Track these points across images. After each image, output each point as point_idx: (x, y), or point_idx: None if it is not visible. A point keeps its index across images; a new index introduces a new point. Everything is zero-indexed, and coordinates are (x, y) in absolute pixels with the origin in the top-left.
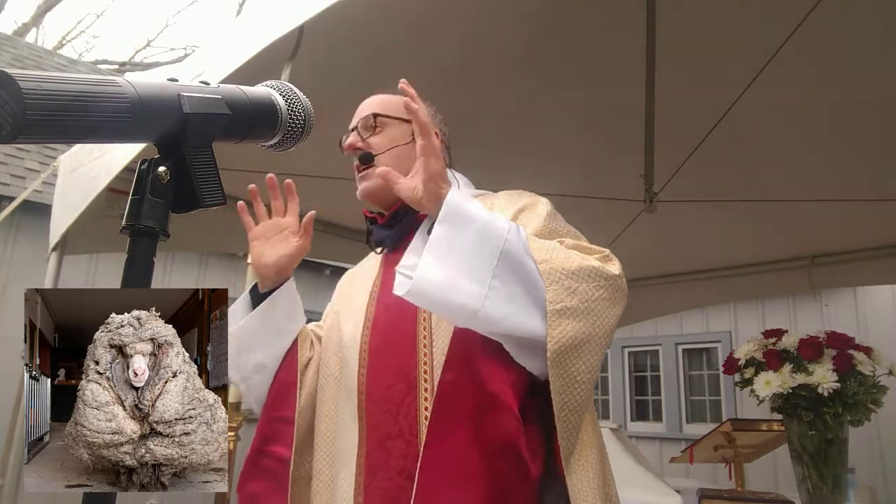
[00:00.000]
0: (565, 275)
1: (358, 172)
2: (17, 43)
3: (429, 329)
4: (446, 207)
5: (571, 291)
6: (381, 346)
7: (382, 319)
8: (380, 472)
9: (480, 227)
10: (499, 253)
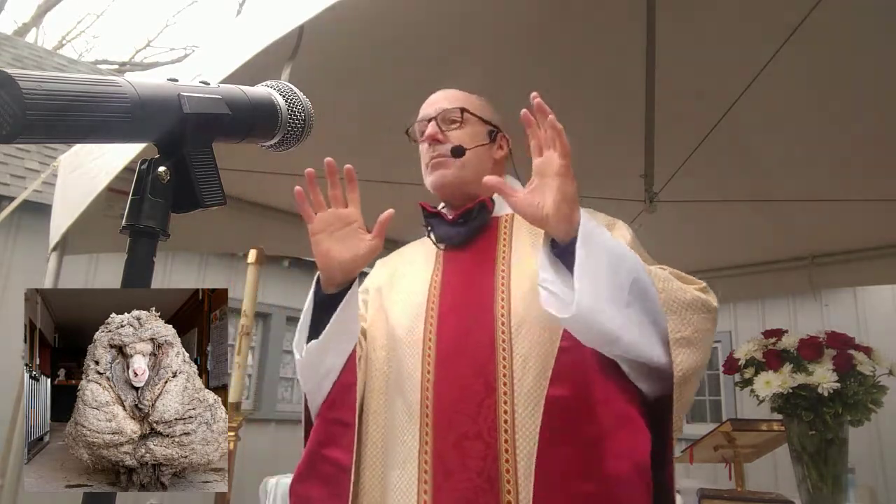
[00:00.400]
0: (680, 305)
1: (431, 160)
2: (17, 43)
3: (507, 332)
4: (584, 233)
5: (686, 322)
6: (454, 345)
7: (452, 318)
8: (455, 472)
9: (613, 255)
10: (631, 280)
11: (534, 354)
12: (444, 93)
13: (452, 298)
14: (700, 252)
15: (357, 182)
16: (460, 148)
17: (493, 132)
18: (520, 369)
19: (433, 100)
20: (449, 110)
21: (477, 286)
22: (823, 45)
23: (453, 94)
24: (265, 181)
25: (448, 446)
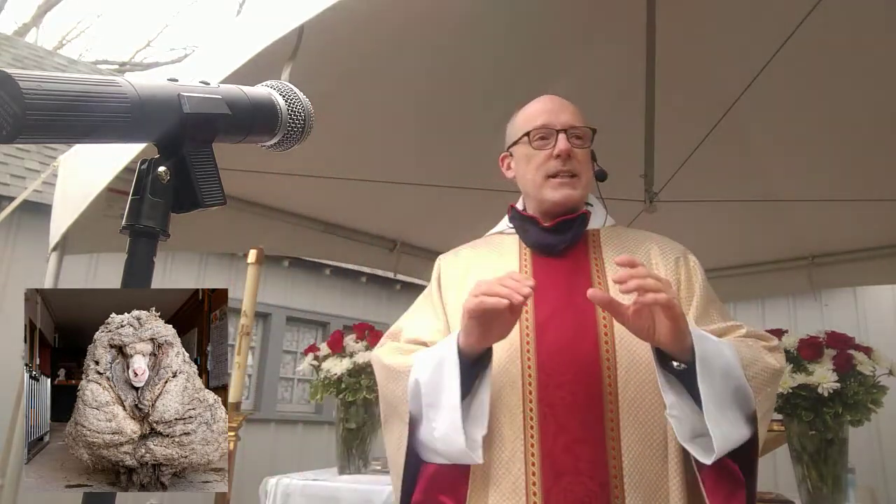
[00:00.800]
0: (765, 382)
1: (558, 175)
2: (17, 43)
3: (611, 342)
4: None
5: (768, 396)
6: (557, 352)
7: (553, 325)
8: (567, 474)
9: (725, 374)
10: (734, 388)
11: (636, 367)
12: (562, 103)
13: (552, 305)
14: (700, 252)
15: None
16: (604, 173)
17: (593, 152)
18: (623, 379)
19: (552, 108)
20: (578, 128)
21: (576, 295)
22: (823, 45)
23: (573, 109)
24: (265, 181)
25: (560, 450)
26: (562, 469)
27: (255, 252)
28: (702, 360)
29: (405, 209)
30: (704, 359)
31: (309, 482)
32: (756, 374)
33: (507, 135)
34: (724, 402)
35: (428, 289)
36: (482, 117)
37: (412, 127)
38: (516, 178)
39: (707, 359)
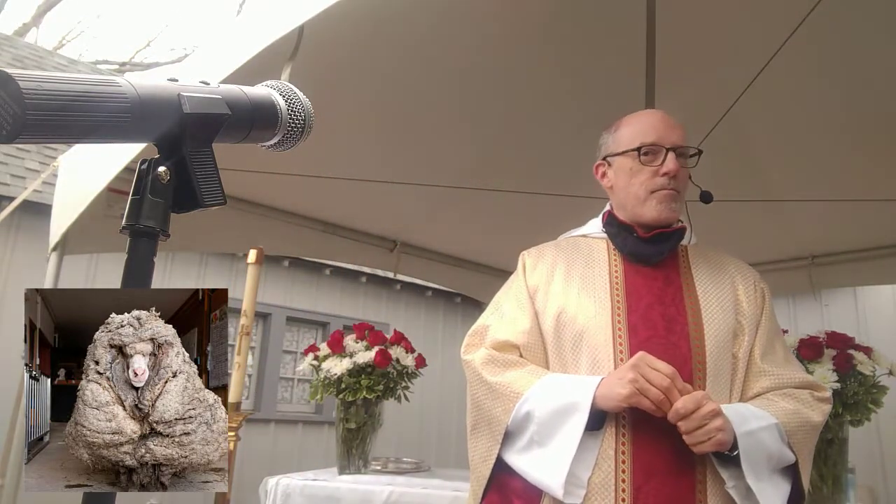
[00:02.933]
0: (806, 439)
1: (666, 191)
2: (17, 43)
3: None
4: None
5: (809, 451)
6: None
7: (645, 329)
8: (657, 475)
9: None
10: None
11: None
12: (672, 121)
13: (643, 310)
14: None
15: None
16: (708, 195)
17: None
18: (711, 388)
19: (664, 125)
20: (686, 148)
21: (669, 304)
22: (824, 45)
23: (681, 128)
24: (265, 181)
25: (648, 449)
26: (652, 470)
27: (255, 252)
28: (744, 457)
29: (405, 209)
30: (747, 454)
31: (309, 482)
32: (800, 440)
33: (604, 143)
34: (766, 475)
35: (510, 283)
36: (482, 117)
37: (412, 127)
38: (613, 188)
39: (749, 453)
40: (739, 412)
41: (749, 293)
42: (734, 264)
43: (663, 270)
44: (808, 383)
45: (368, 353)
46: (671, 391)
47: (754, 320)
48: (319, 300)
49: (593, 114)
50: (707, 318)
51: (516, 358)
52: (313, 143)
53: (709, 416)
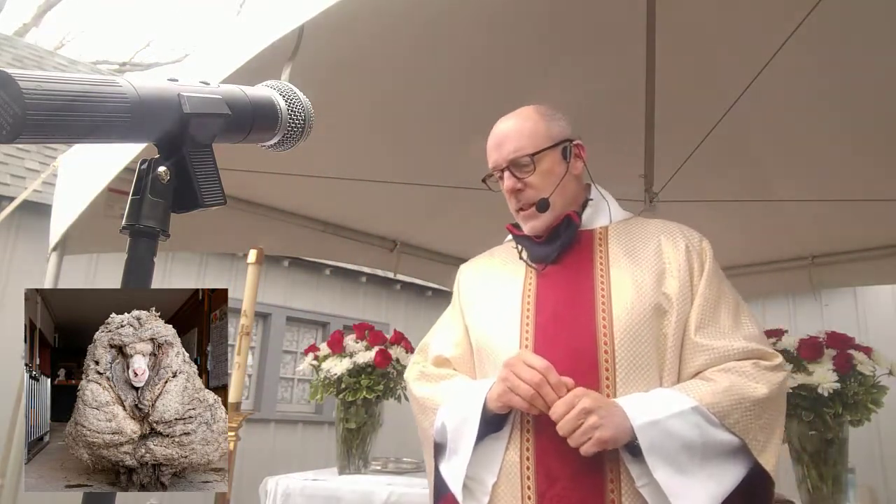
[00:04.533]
0: (754, 417)
1: (518, 211)
2: (17, 43)
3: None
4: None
5: (760, 427)
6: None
7: (551, 330)
8: (561, 480)
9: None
10: (701, 453)
11: (636, 368)
12: (506, 133)
13: (550, 311)
14: None
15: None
16: (545, 202)
17: (567, 148)
18: (622, 380)
19: (499, 140)
20: (518, 159)
21: (575, 299)
22: (824, 45)
23: (516, 133)
24: (265, 181)
25: (551, 453)
26: (555, 475)
27: (255, 252)
28: (650, 450)
29: (405, 209)
30: (653, 448)
31: (309, 482)
32: (739, 419)
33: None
34: (694, 466)
35: (452, 300)
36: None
37: (413, 127)
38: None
39: (655, 446)
40: (643, 401)
41: (679, 260)
42: (664, 232)
43: (575, 263)
44: (752, 352)
45: (368, 353)
46: (542, 386)
47: (686, 290)
48: (319, 300)
49: (593, 114)
50: (617, 302)
51: (447, 371)
52: (313, 143)
53: (583, 415)
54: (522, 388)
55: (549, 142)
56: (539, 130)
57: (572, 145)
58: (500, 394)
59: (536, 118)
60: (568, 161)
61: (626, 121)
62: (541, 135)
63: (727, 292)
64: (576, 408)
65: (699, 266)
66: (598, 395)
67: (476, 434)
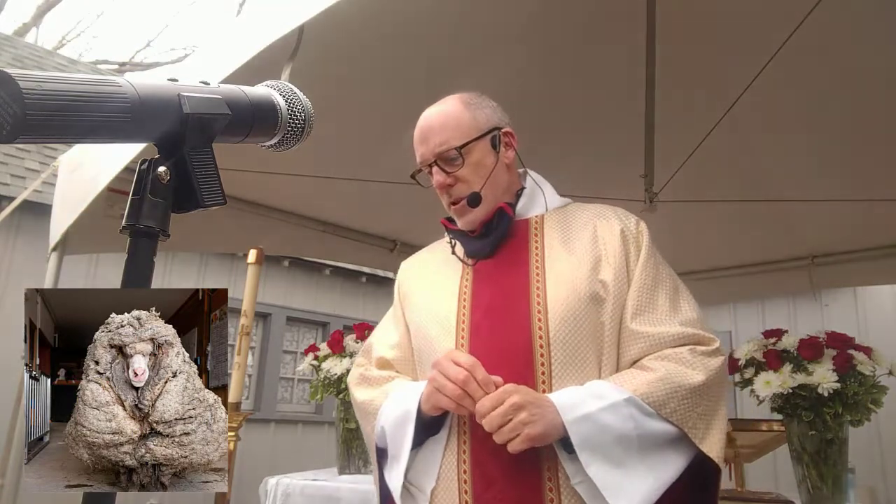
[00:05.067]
0: (692, 405)
1: (451, 207)
2: (17, 43)
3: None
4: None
5: (700, 415)
6: (488, 352)
7: (486, 326)
8: (497, 482)
9: (614, 439)
10: (637, 445)
11: (574, 357)
12: (430, 125)
13: (485, 307)
14: (700, 252)
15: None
16: (476, 196)
17: (496, 136)
18: (557, 376)
19: (424, 134)
20: (446, 153)
21: (510, 293)
22: (823, 45)
23: (440, 126)
24: (265, 181)
25: (487, 456)
26: (492, 476)
27: (255, 252)
28: (582, 446)
29: (405, 209)
30: (585, 443)
31: (309, 482)
32: (676, 408)
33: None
34: (629, 462)
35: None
36: None
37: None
38: None
39: (588, 441)
40: (575, 395)
41: (615, 245)
42: (600, 217)
43: (510, 255)
44: (688, 337)
45: None
46: (468, 384)
47: (622, 277)
48: (319, 300)
49: (593, 114)
50: (552, 293)
51: (387, 374)
52: (313, 143)
53: (511, 411)
54: (449, 387)
55: (476, 132)
56: (465, 121)
57: (501, 133)
58: (428, 395)
59: (461, 108)
60: (498, 151)
61: (626, 121)
62: (467, 125)
63: (665, 276)
64: (505, 403)
65: (635, 250)
66: (528, 391)
67: (411, 439)
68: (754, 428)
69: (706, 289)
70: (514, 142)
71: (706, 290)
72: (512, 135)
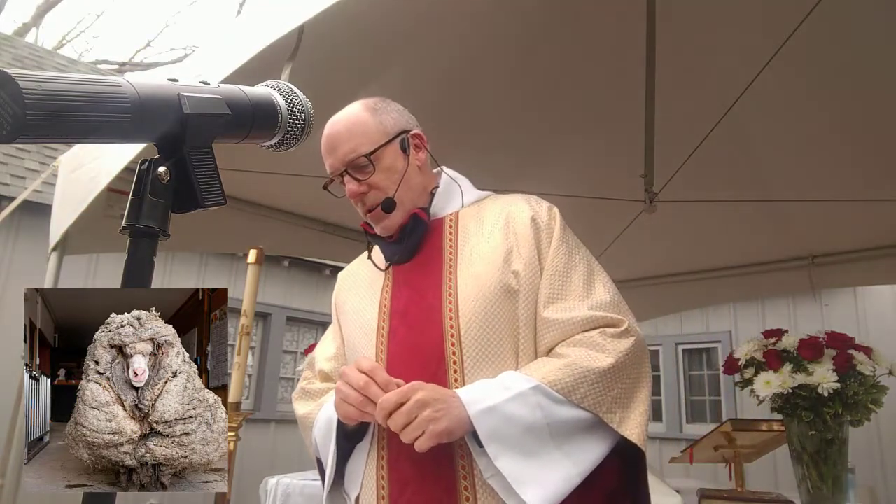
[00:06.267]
0: (605, 389)
1: (366, 214)
2: (17, 43)
3: (457, 336)
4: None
5: (614, 398)
6: (401, 360)
7: (402, 332)
8: (411, 483)
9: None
10: (548, 432)
11: (487, 352)
12: (338, 133)
13: (401, 313)
14: (700, 252)
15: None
16: (389, 202)
17: (405, 140)
18: (471, 369)
19: (331, 144)
20: (355, 160)
21: (425, 295)
22: (823, 45)
23: (348, 134)
24: (265, 181)
25: (402, 458)
26: (406, 480)
27: (255, 252)
28: (489, 438)
29: None
30: (493, 435)
31: (309, 482)
32: (587, 393)
33: None
34: (543, 452)
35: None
36: (481, 118)
37: None
38: None
39: (496, 433)
40: (482, 388)
41: (525, 234)
42: (511, 206)
43: (426, 256)
44: (597, 320)
45: None
46: (368, 388)
47: (533, 265)
48: (319, 300)
49: (593, 114)
50: (463, 289)
51: (326, 386)
52: (314, 143)
53: (416, 408)
54: (351, 395)
55: (384, 137)
56: (371, 127)
57: (409, 136)
58: (336, 405)
59: (367, 115)
60: (408, 154)
61: (626, 121)
62: (374, 131)
63: (577, 260)
64: (410, 401)
65: (547, 238)
66: (433, 387)
67: (334, 451)
68: (754, 428)
69: (706, 289)
70: (423, 143)
71: (706, 290)
72: (420, 136)
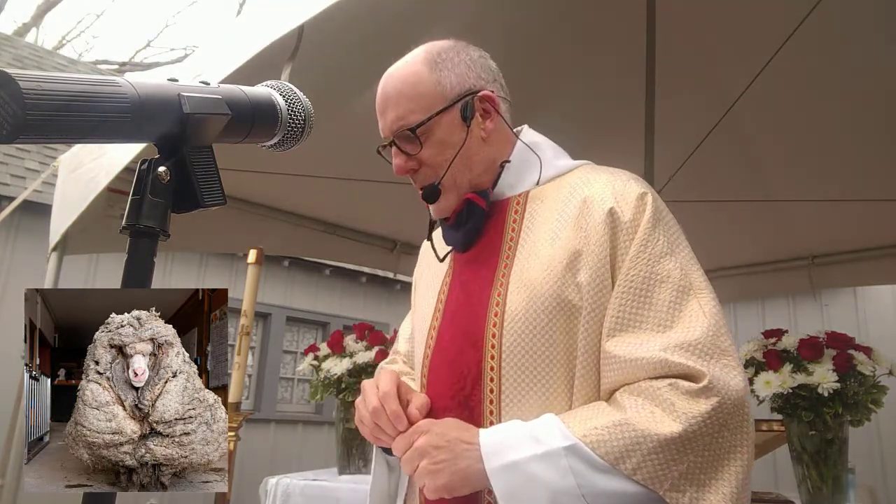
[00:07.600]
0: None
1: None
2: (17, 43)
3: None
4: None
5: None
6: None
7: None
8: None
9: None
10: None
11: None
12: (387, 93)
13: (451, 316)
14: (700, 252)
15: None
16: (433, 190)
17: (468, 104)
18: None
19: (382, 103)
20: (399, 130)
21: (473, 295)
22: (823, 45)
23: (397, 95)
24: (265, 181)
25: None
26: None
27: (255, 252)
28: (507, 501)
29: (405, 209)
30: (511, 497)
31: (309, 482)
32: (642, 464)
33: None
34: None
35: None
36: None
37: None
38: None
39: (515, 496)
40: (510, 435)
41: (597, 231)
42: (592, 188)
43: (484, 246)
44: (671, 367)
45: (368, 353)
46: (378, 417)
47: (604, 275)
48: (319, 300)
49: (593, 114)
50: (513, 297)
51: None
52: (313, 142)
53: (416, 457)
54: (365, 418)
55: (440, 102)
56: (426, 88)
57: (475, 99)
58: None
59: (424, 71)
60: (468, 123)
61: (626, 121)
62: (428, 93)
63: (667, 273)
64: (412, 446)
65: (626, 239)
66: (443, 430)
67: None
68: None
69: None
70: (494, 106)
71: None
72: (491, 98)
